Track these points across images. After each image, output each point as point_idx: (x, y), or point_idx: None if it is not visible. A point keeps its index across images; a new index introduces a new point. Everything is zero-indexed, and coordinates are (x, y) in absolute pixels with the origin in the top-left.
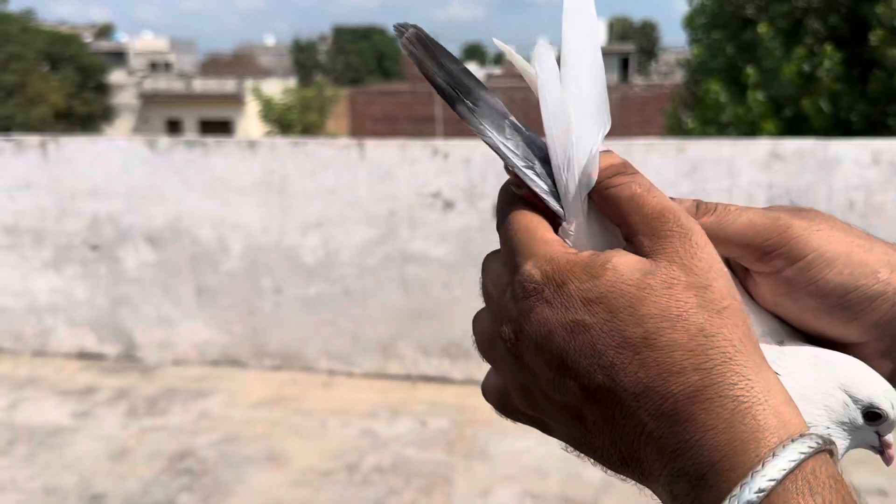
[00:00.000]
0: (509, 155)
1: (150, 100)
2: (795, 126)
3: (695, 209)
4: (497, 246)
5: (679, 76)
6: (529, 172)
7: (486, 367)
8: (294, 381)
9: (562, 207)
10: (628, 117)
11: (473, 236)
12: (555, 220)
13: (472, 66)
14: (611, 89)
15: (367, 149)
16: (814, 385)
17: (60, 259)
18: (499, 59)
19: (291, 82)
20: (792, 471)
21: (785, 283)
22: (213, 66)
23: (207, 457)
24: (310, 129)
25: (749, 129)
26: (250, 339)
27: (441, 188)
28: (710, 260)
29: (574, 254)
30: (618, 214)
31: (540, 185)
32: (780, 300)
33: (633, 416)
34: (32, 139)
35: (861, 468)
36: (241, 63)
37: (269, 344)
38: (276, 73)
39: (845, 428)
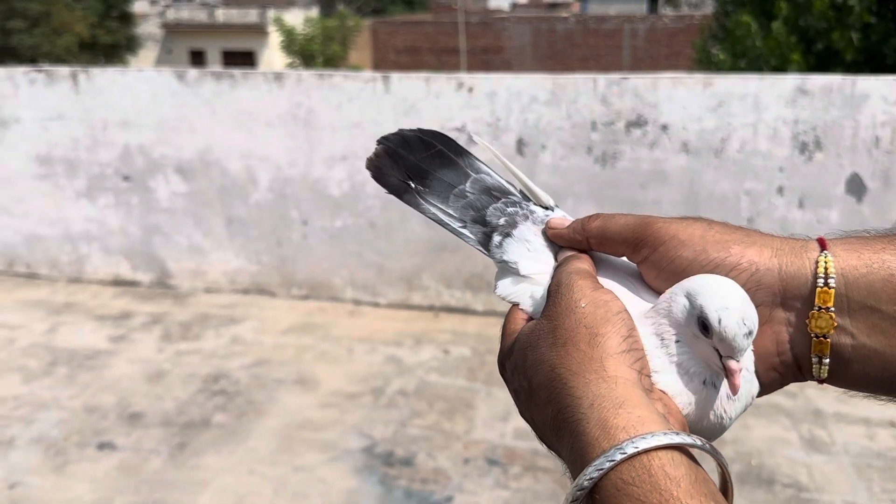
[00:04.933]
0: (446, 220)
1: (173, 30)
2: (826, 60)
3: (588, 218)
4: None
5: (709, 7)
6: (462, 230)
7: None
8: (321, 309)
9: (487, 252)
10: (656, 49)
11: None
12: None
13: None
14: (638, 20)
15: (392, 82)
16: (667, 295)
17: (93, 189)
18: None
19: (314, 12)
20: (599, 479)
21: (654, 267)
22: None
23: (240, 379)
24: (332, 60)
25: (779, 62)
26: (279, 268)
27: (465, 122)
28: (567, 303)
29: (514, 336)
30: None
31: (469, 238)
32: (657, 283)
33: (550, 444)
34: (63, 70)
35: (873, 400)
36: None
37: (296, 274)
38: (298, 3)
39: (686, 333)
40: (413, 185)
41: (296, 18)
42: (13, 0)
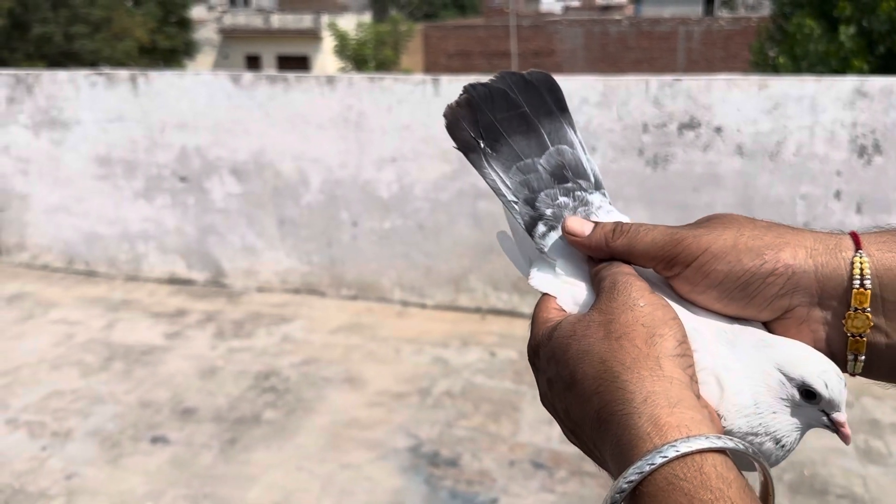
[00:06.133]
0: (503, 189)
1: (229, 35)
2: (890, 63)
3: (611, 233)
4: None
5: (767, 9)
6: (514, 206)
7: None
8: (370, 310)
9: (529, 234)
10: (712, 52)
11: None
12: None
13: None
14: (693, 22)
15: (441, 84)
16: (755, 365)
17: (151, 189)
18: None
19: (366, 17)
20: (650, 473)
21: (688, 282)
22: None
23: (290, 377)
24: (384, 64)
25: (840, 65)
26: (329, 269)
27: None
28: (625, 300)
29: (550, 324)
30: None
31: (517, 217)
32: (690, 296)
33: (587, 436)
34: (123, 73)
35: (884, 404)
36: None
37: (346, 274)
38: (352, 8)
39: (787, 405)
40: (482, 146)
41: (349, 23)
42: (76, 6)
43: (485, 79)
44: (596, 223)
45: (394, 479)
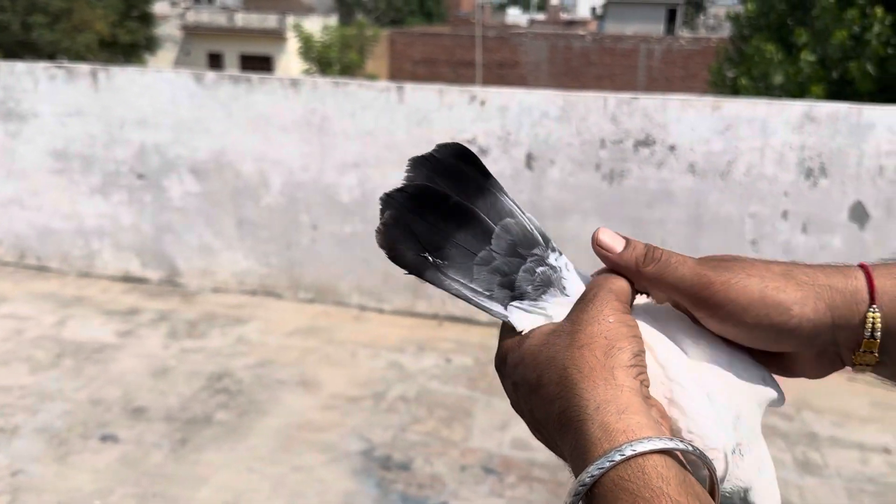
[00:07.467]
0: (472, 297)
1: (192, 32)
2: (842, 89)
3: (643, 256)
4: (525, 195)
5: (727, 30)
6: (489, 304)
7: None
8: (327, 313)
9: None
10: (672, 71)
11: (505, 184)
12: None
13: (515, 11)
14: (655, 41)
15: (405, 92)
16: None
17: (108, 185)
18: (542, 5)
19: (332, 20)
20: (600, 476)
21: (715, 324)
22: None
23: (243, 378)
24: (349, 68)
25: (798, 90)
26: (287, 271)
27: (476, 135)
28: (595, 314)
29: (518, 336)
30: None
31: (496, 312)
32: (720, 331)
33: (551, 434)
34: (83, 67)
35: (868, 426)
36: None
37: (304, 277)
38: (318, 10)
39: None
40: (432, 260)
41: (314, 25)
42: None
43: (398, 182)
44: (627, 239)
45: (345, 482)
